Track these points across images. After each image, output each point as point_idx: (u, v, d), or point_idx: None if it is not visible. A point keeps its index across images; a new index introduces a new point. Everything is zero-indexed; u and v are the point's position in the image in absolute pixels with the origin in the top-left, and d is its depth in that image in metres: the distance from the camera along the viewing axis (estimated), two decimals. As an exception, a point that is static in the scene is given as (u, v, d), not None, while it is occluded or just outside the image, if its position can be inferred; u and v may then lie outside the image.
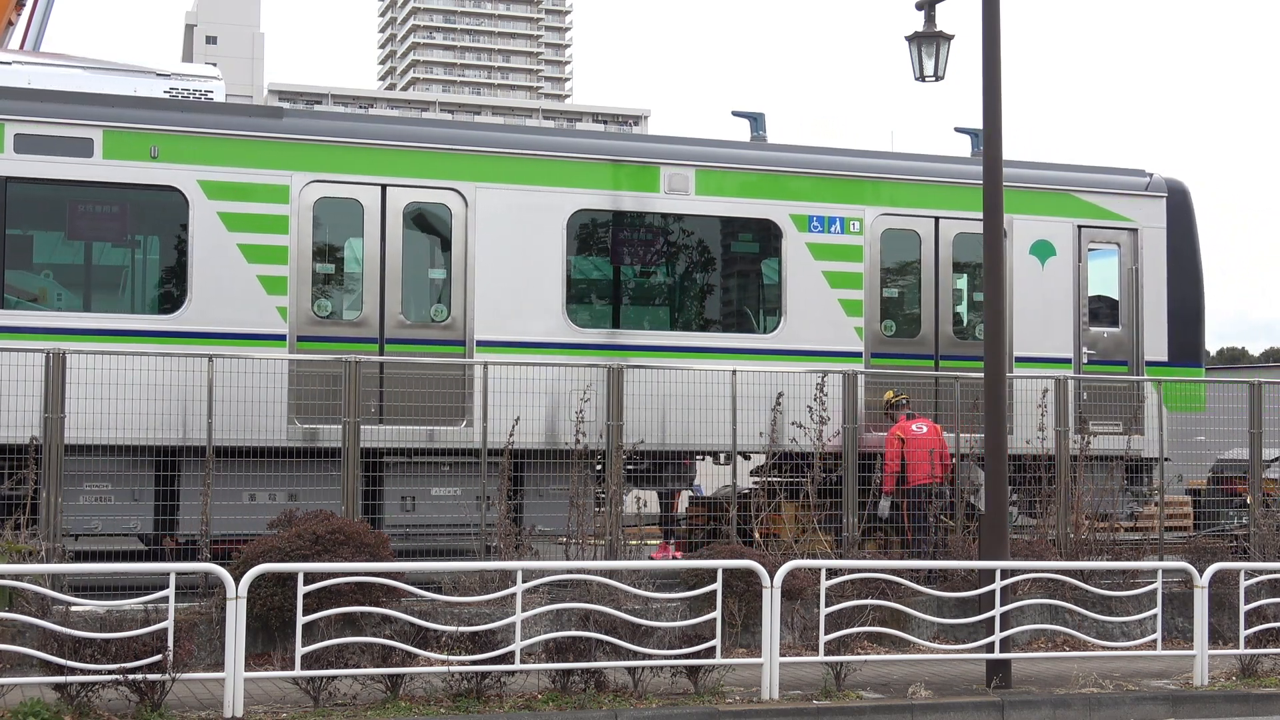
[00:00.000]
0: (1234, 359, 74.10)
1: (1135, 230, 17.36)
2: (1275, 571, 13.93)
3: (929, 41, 14.64)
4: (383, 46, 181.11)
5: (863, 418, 15.30)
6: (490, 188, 15.08)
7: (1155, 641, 12.92)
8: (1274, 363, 45.26)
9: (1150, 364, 17.11)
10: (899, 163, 16.94)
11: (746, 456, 15.72)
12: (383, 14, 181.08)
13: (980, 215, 16.48)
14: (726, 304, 16.59)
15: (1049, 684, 12.55)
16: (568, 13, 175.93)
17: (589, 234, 15.82)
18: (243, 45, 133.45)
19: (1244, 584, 13.23)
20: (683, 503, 16.75)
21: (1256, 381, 16.59)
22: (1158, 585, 12.94)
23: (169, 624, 10.27)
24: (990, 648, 12.33)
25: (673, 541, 16.75)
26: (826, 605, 11.86)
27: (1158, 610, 12.87)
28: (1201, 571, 12.96)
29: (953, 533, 14.97)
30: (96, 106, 14.16)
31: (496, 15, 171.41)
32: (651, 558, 14.19)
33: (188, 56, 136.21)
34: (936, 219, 16.69)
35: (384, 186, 14.81)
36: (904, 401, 15.62)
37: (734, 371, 14.82)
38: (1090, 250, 17.23)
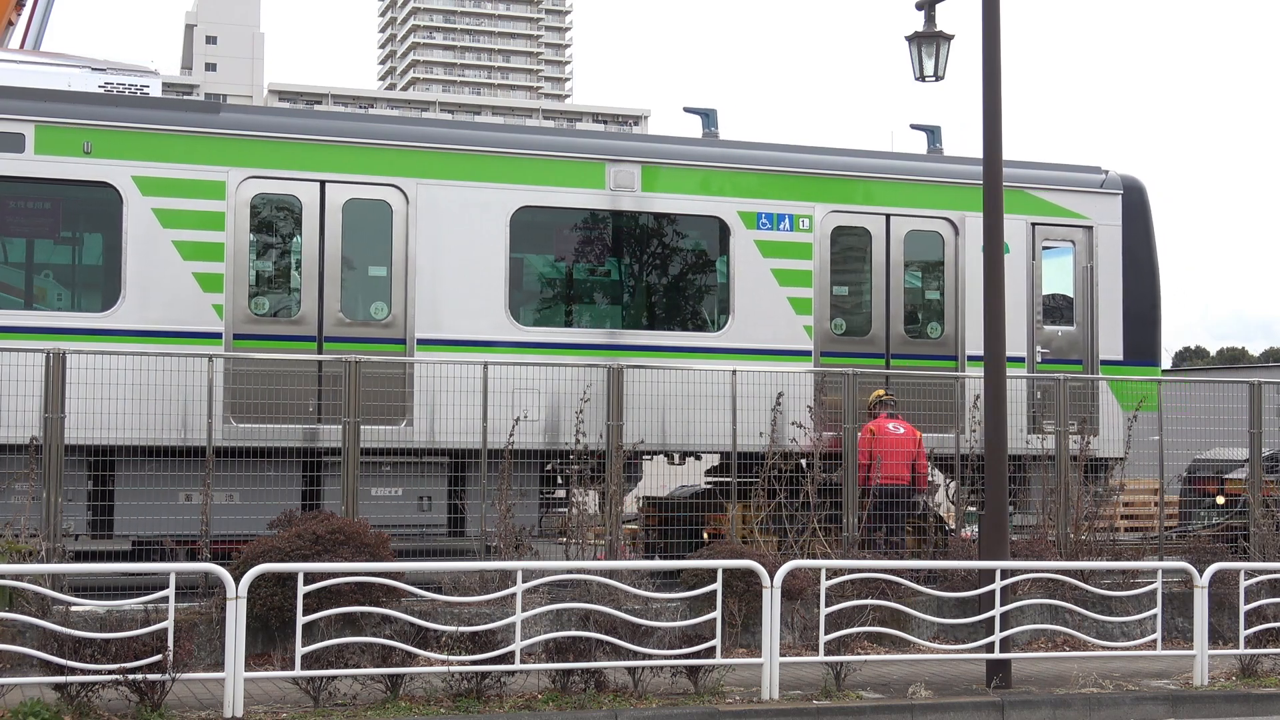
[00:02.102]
0: (1234, 359, 74.16)
1: (1090, 228, 17.17)
2: (1275, 571, 13.94)
3: (929, 41, 14.64)
4: (383, 46, 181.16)
5: (817, 417, 15.10)
6: (432, 184, 14.90)
7: (1155, 641, 12.92)
8: (1274, 363, 45.24)
9: (1105, 363, 16.93)
10: (849, 159, 16.71)
11: (697, 456, 15.59)
12: (383, 14, 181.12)
13: (932, 213, 16.56)
14: (673, 302, 16.38)
15: (1049, 684, 12.55)
16: (568, 13, 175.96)
17: (533, 231, 15.57)
18: (243, 45, 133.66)
19: (1244, 584, 13.23)
20: (634, 502, 16.46)
21: (1257, 382, 16.58)
22: (1158, 585, 12.93)
23: (169, 624, 10.26)
24: (990, 648, 12.33)
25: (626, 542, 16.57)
26: (826, 605, 11.86)
27: (1158, 610, 12.86)
28: (1201, 571, 12.96)
29: (909, 534, 14.79)
30: (28, 101, 13.94)
31: (496, 15, 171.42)
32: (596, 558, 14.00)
33: (188, 56, 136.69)
34: (888, 216, 16.50)
35: (323, 183, 14.63)
36: (890, 401, 15.45)
37: (734, 371, 14.77)
38: (1045, 248, 17.05)
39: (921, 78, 14.71)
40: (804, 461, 14.88)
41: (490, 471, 13.76)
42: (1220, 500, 16.98)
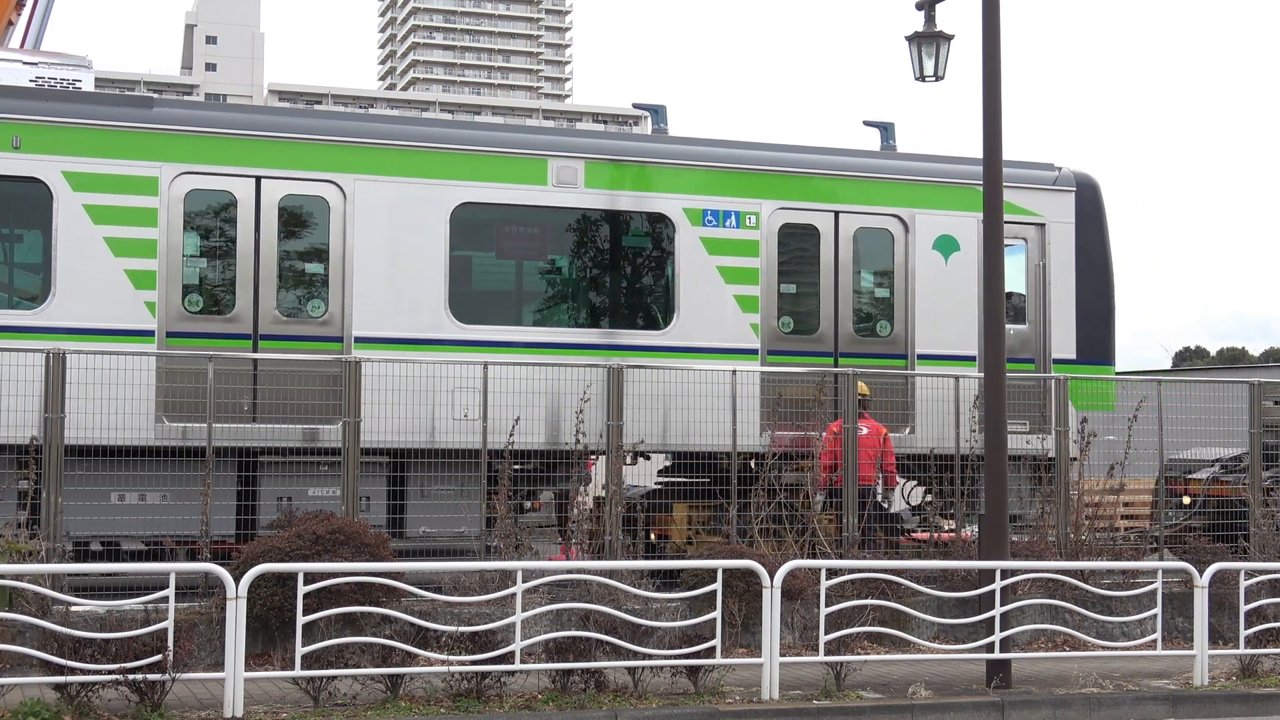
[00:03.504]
0: (1234, 359, 74.17)
1: (1043, 225, 16.94)
2: (1275, 571, 13.93)
3: (929, 41, 14.64)
4: (383, 46, 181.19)
5: (767, 418, 15.02)
6: (370, 180, 14.69)
7: (1155, 641, 12.91)
8: (1274, 363, 45.22)
9: (1057, 362, 16.71)
10: (797, 155, 16.51)
11: (646, 456, 15.39)
12: (383, 14, 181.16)
13: (882, 210, 16.45)
14: (617, 300, 16.10)
15: (1049, 684, 12.55)
16: (568, 13, 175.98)
17: (474, 228, 15.33)
18: (243, 45, 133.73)
19: (1244, 584, 13.22)
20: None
21: (1257, 381, 16.57)
22: (1158, 585, 12.93)
23: (169, 624, 10.26)
24: (990, 648, 12.33)
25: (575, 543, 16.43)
26: (826, 605, 11.86)
27: (1158, 610, 12.86)
28: (1201, 572, 12.96)
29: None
30: None
31: (496, 15, 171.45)
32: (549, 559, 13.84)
33: (188, 56, 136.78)
34: (837, 213, 16.29)
35: (259, 178, 14.44)
36: (857, 400, 15.15)
37: (734, 371, 14.77)
38: None
39: (921, 78, 14.70)
40: (753, 462, 14.77)
41: (430, 472, 13.62)
42: (1186, 500, 16.89)
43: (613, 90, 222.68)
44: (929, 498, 15.73)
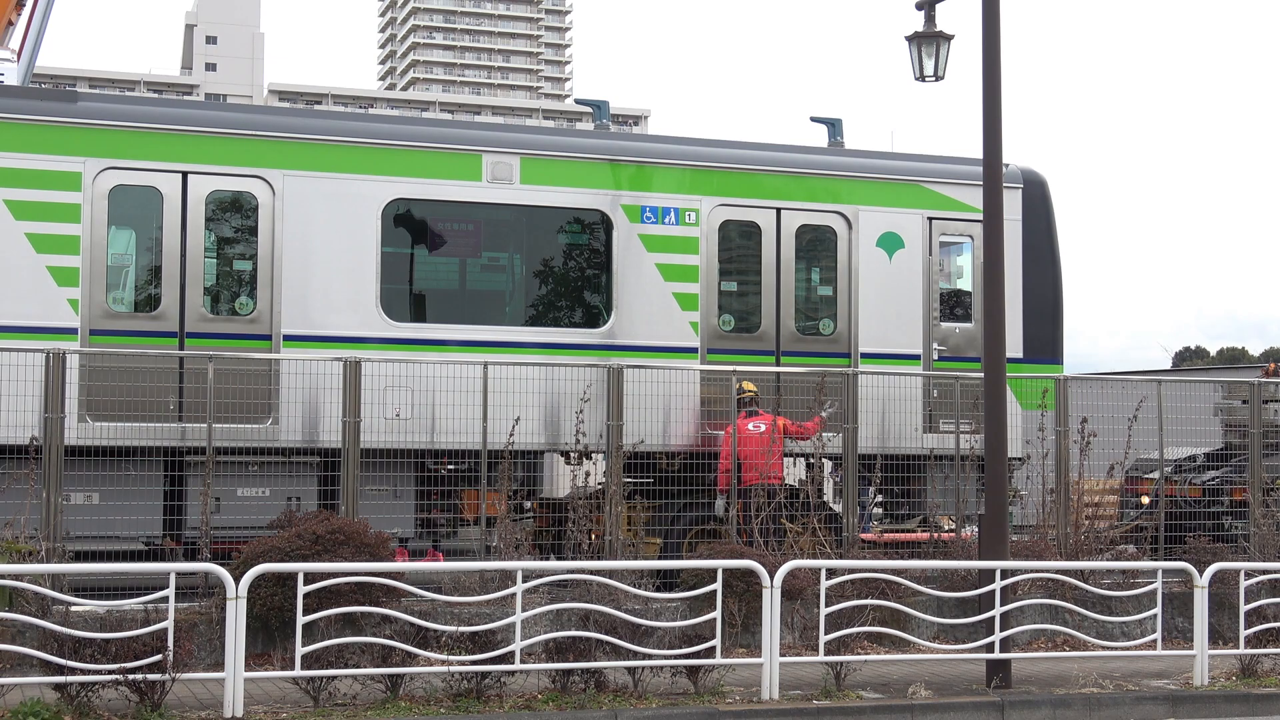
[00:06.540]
0: (1234, 359, 74.23)
1: None
2: (1275, 571, 13.94)
3: (929, 41, 14.63)
4: (383, 46, 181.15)
5: (698, 416, 14.97)
6: (299, 175, 14.51)
7: (1155, 641, 12.91)
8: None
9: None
10: (738, 151, 16.37)
11: (588, 455, 15.13)
12: (383, 14, 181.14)
13: (825, 207, 16.30)
14: (553, 298, 15.91)
15: (1049, 684, 12.55)
16: (568, 13, 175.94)
17: (406, 224, 15.11)
18: (243, 45, 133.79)
19: (1244, 584, 13.23)
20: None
21: (1257, 381, 16.56)
22: (1158, 585, 12.93)
23: (169, 624, 10.27)
24: (990, 648, 12.33)
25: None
26: (826, 605, 11.86)
27: (1158, 610, 12.86)
28: (1201, 572, 12.96)
29: (798, 534, 14.47)
30: None
31: (496, 15, 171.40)
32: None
33: (188, 56, 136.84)
34: (778, 210, 16.13)
35: (185, 174, 14.23)
36: (747, 399, 15.05)
37: (734, 371, 14.74)
38: (942, 243, 16.67)
39: (921, 78, 14.68)
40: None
41: (363, 472, 13.50)
42: (1145, 500, 16.84)
43: (612, 90, 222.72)
44: (879, 498, 15.69)
